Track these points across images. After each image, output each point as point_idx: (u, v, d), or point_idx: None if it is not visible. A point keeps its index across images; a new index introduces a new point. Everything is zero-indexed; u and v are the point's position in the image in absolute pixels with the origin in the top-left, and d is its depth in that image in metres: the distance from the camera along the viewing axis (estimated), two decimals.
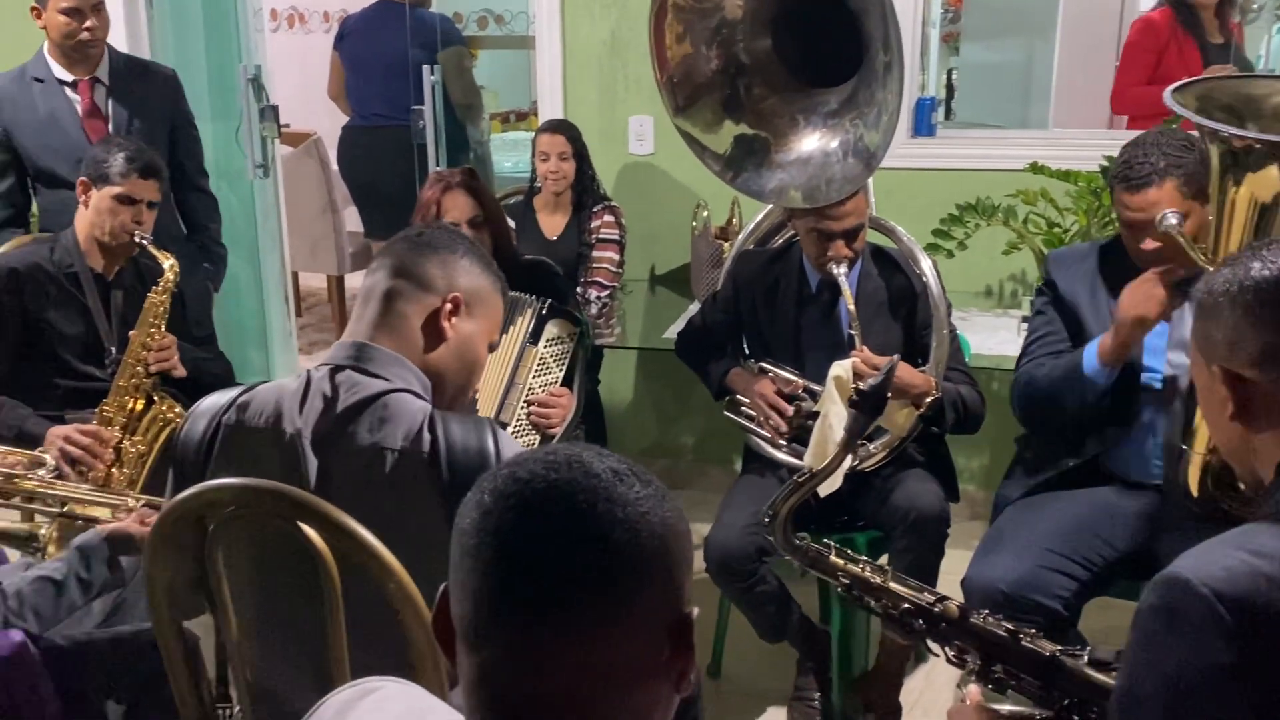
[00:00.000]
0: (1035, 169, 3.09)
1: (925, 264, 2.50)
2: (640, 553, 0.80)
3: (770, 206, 2.75)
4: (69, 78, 3.08)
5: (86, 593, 1.87)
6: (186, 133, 3.29)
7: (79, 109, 3.08)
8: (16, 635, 1.82)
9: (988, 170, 3.32)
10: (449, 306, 1.57)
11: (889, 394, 1.68)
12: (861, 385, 1.64)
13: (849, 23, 2.43)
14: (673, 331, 3.12)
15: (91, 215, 2.61)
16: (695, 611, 0.84)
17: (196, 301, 3.21)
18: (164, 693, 1.92)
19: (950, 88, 4.05)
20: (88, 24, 2.99)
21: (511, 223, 3.01)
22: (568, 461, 0.82)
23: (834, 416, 2.36)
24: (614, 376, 3.75)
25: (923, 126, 3.44)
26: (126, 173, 2.58)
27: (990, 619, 1.60)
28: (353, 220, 5.20)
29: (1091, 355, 2.19)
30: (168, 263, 2.61)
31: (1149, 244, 2.11)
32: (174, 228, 3.24)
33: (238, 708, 1.58)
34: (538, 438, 2.52)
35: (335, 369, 1.51)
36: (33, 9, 3.03)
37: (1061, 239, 3.10)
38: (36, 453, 2.29)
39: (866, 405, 1.63)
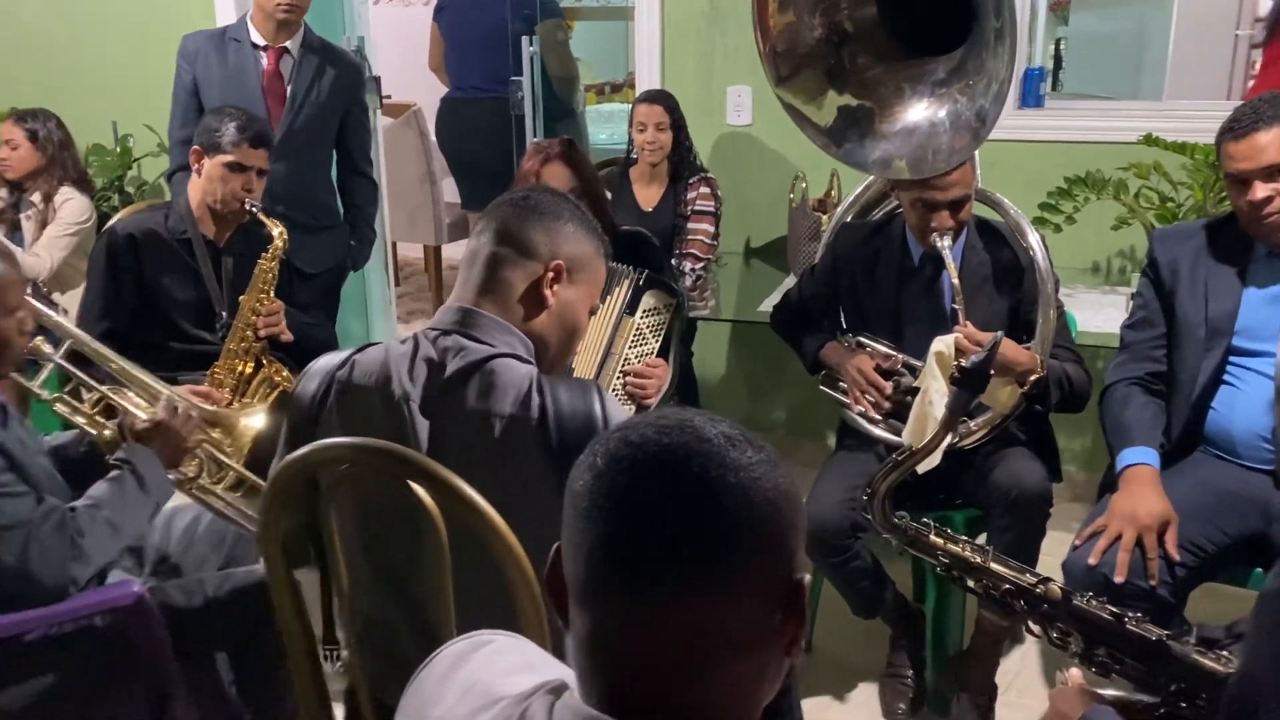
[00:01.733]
0: (1149, 141, 2.99)
1: (1033, 238, 2.44)
2: (752, 517, 0.79)
3: (871, 178, 2.71)
4: (262, 42, 3.21)
5: (144, 489, 1.97)
6: (358, 120, 3.40)
7: (263, 71, 3.20)
8: (136, 587, 1.90)
9: (1098, 143, 3.23)
10: (551, 274, 1.58)
11: (991, 371, 1.65)
12: (964, 362, 1.61)
13: None
14: (767, 305, 3.10)
15: (204, 183, 2.69)
16: (808, 578, 0.83)
17: (331, 276, 3.38)
18: (266, 642, 2.01)
19: (1058, 58, 3.93)
20: None
21: (607, 194, 3.02)
22: (679, 426, 0.82)
23: (934, 392, 2.32)
24: (707, 349, 3.74)
25: (1030, 97, 3.36)
26: (238, 141, 2.65)
27: (1094, 601, 1.57)
28: (450, 191, 5.26)
29: (1125, 460, 2.19)
30: (276, 230, 2.68)
31: (1257, 192, 2.05)
32: (333, 205, 3.38)
33: (344, 653, 1.63)
34: (633, 408, 2.53)
35: (442, 333, 1.53)
36: None
37: (1175, 214, 2.99)
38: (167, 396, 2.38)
39: (968, 382, 1.60)
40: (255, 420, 2.34)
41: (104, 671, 1.92)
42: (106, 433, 2.12)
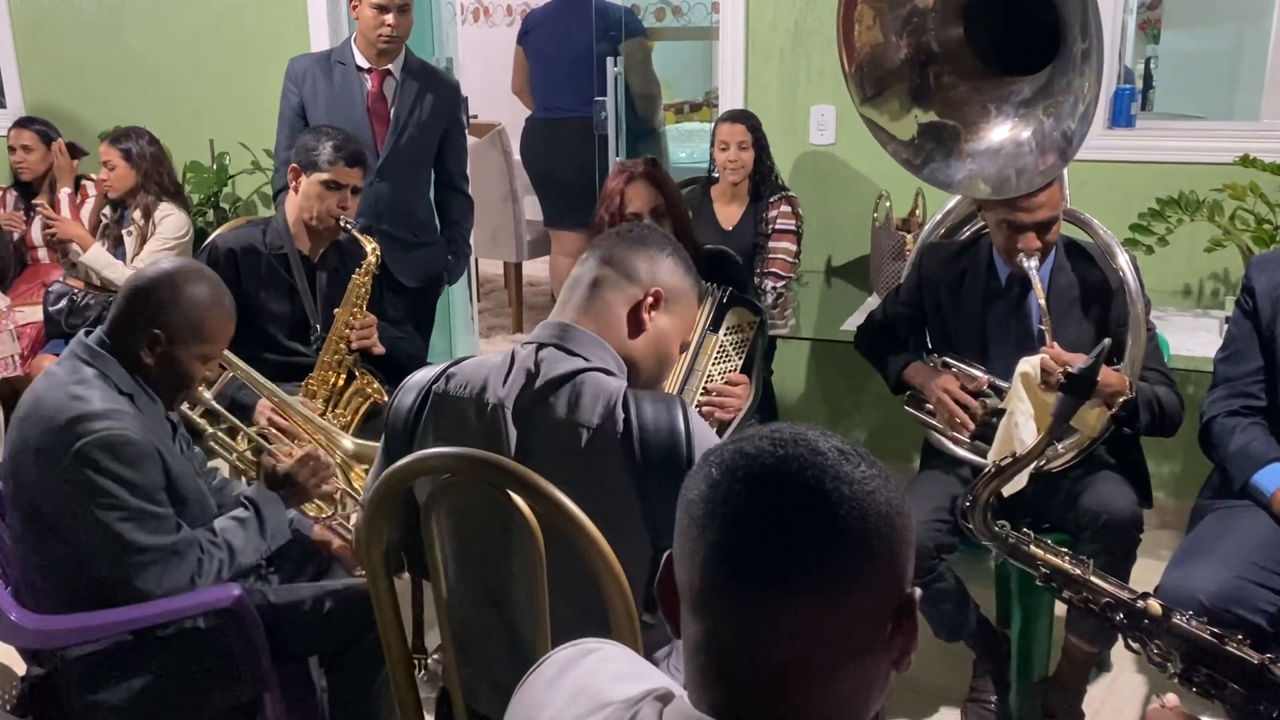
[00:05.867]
0: (1246, 162, 2.93)
1: (1123, 259, 2.41)
2: (866, 531, 0.81)
3: (958, 198, 2.70)
4: (366, 65, 3.31)
5: (263, 534, 2.06)
6: (456, 139, 3.49)
7: (368, 94, 3.30)
8: (235, 590, 1.97)
9: (1191, 163, 3.18)
10: (650, 299, 1.62)
11: (1098, 379, 1.64)
12: (1072, 368, 1.61)
13: (1045, 9, 2.36)
14: (849, 324, 3.10)
15: (300, 200, 2.78)
16: (918, 593, 0.84)
17: (428, 291, 3.46)
18: (361, 654, 2.06)
19: (1149, 77, 3.87)
20: (388, 20, 3.20)
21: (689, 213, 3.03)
22: (794, 439, 0.84)
23: (1020, 414, 2.30)
24: (786, 368, 3.74)
25: (1120, 117, 3.31)
26: (334, 160, 2.73)
27: (1195, 621, 1.54)
28: (530, 209, 5.34)
29: (1269, 482, 2.13)
30: (369, 246, 2.75)
31: None
32: (431, 222, 3.48)
33: (431, 660, 1.67)
34: (715, 425, 2.54)
35: (539, 346, 1.57)
36: (351, 1, 3.30)
37: (1273, 236, 2.93)
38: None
39: (1076, 388, 1.60)
40: None
41: (204, 671, 1.99)
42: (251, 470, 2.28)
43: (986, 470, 1.70)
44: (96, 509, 1.84)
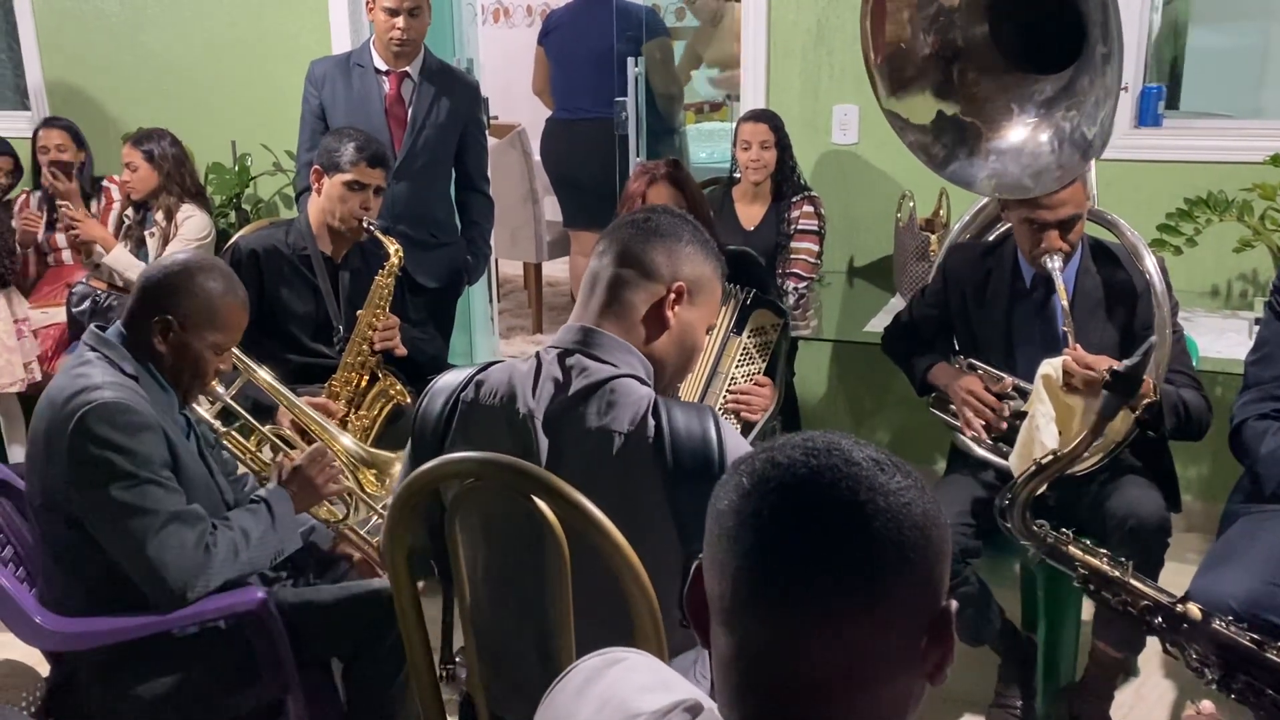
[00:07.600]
0: (1276, 161, 2.89)
1: (1149, 260, 2.39)
2: (902, 543, 0.79)
3: (986, 199, 2.67)
4: (384, 68, 3.32)
5: (274, 526, 2.03)
6: (475, 139, 3.50)
7: (385, 95, 3.31)
8: (259, 593, 1.96)
9: (1220, 163, 3.14)
10: (673, 296, 1.59)
11: (1145, 376, 1.63)
12: (1118, 366, 1.58)
13: (1069, 9, 2.34)
14: (871, 325, 3.08)
15: (323, 201, 2.78)
16: (954, 605, 0.82)
17: (448, 291, 3.46)
18: (382, 656, 2.05)
19: (1176, 75, 3.82)
20: (398, 24, 3.20)
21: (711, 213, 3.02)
22: (827, 448, 0.82)
23: (1041, 416, 2.28)
24: (808, 369, 3.72)
25: (1147, 116, 3.28)
26: (356, 160, 2.73)
27: (1234, 626, 1.52)
28: (550, 209, 5.33)
29: None
30: (393, 247, 2.75)
31: None
32: (451, 222, 3.48)
33: (460, 663, 1.66)
34: (739, 427, 2.52)
35: (564, 353, 1.55)
36: (367, 3, 3.32)
37: None
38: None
39: (1120, 387, 1.58)
40: None
41: (226, 672, 1.99)
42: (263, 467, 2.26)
43: (1028, 468, 1.69)
44: (100, 477, 1.83)
